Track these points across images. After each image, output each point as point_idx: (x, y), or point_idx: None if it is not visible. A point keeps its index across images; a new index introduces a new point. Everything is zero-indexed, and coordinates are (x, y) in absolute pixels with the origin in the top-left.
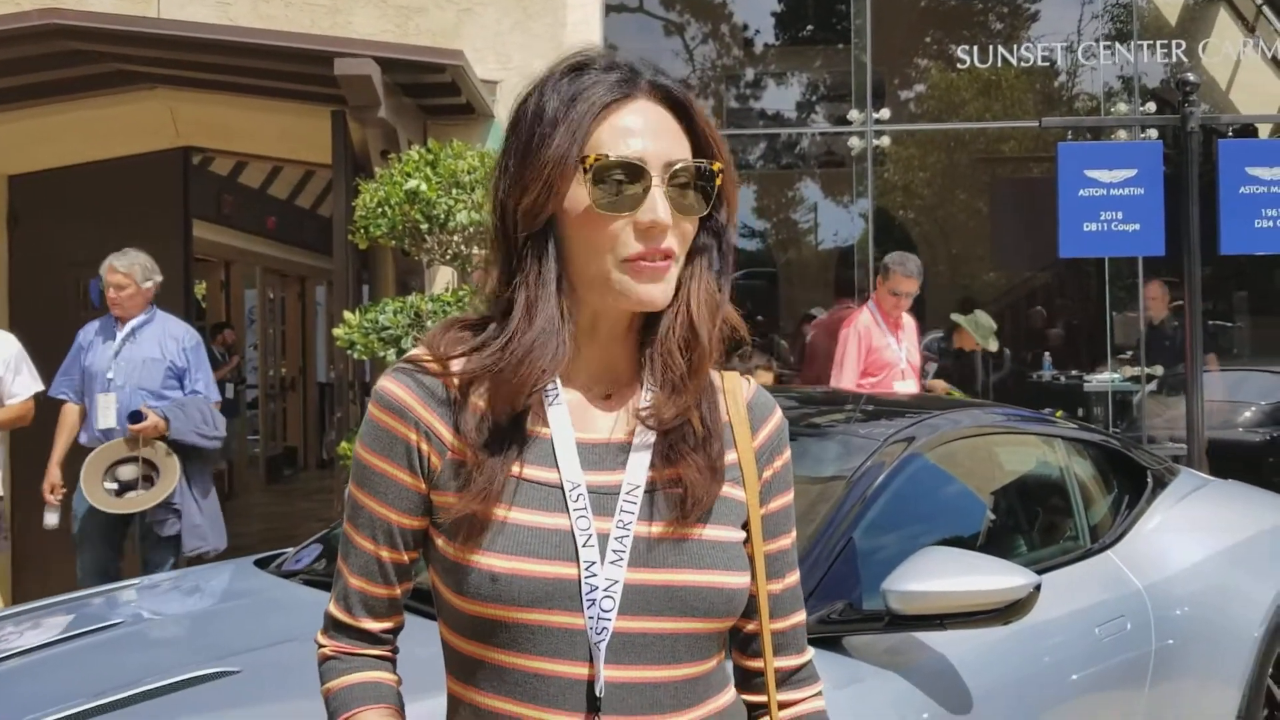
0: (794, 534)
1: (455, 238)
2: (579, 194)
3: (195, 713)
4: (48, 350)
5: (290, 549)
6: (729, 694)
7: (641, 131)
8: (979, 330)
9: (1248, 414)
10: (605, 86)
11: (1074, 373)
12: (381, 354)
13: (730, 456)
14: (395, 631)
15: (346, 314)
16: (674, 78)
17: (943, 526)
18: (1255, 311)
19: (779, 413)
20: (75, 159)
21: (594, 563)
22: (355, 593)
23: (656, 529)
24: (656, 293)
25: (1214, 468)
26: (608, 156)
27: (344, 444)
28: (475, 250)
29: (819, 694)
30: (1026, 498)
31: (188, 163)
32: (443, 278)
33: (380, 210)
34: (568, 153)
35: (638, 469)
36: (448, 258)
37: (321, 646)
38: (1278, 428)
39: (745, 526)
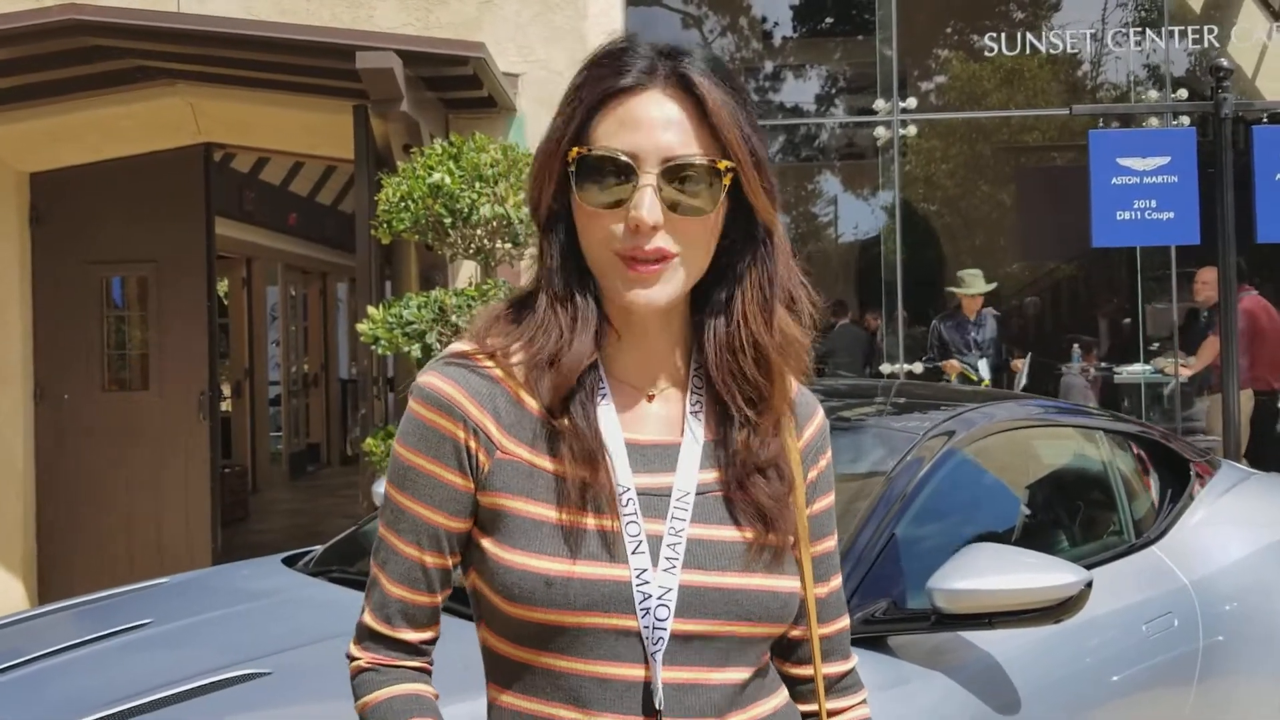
0: (835, 536)
1: (479, 231)
2: (574, 187)
3: (227, 715)
4: (70, 349)
5: (318, 546)
6: (780, 696)
7: (643, 125)
8: (970, 285)
9: None
10: (618, 74)
11: (1104, 365)
12: (406, 349)
13: None
14: (433, 643)
15: (370, 309)
16: (716, 65)
17: (985, 523)
18: None
19: (821, 412)
20: (97, 156)
21: (645, 569)
22: (395, 602)
23: (711, 533)
24: (644, 296)
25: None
26: (590, 151)
27: (369, 440)
28: (499, 244)
29: (864, 701)
30: (1069, 492)
31: (209, 159)
32: (466, 272)
33: (403, 204)
34: (558, 146)
35: (688, 473)
36: (471, 252)
37: (355, 659)
38: None
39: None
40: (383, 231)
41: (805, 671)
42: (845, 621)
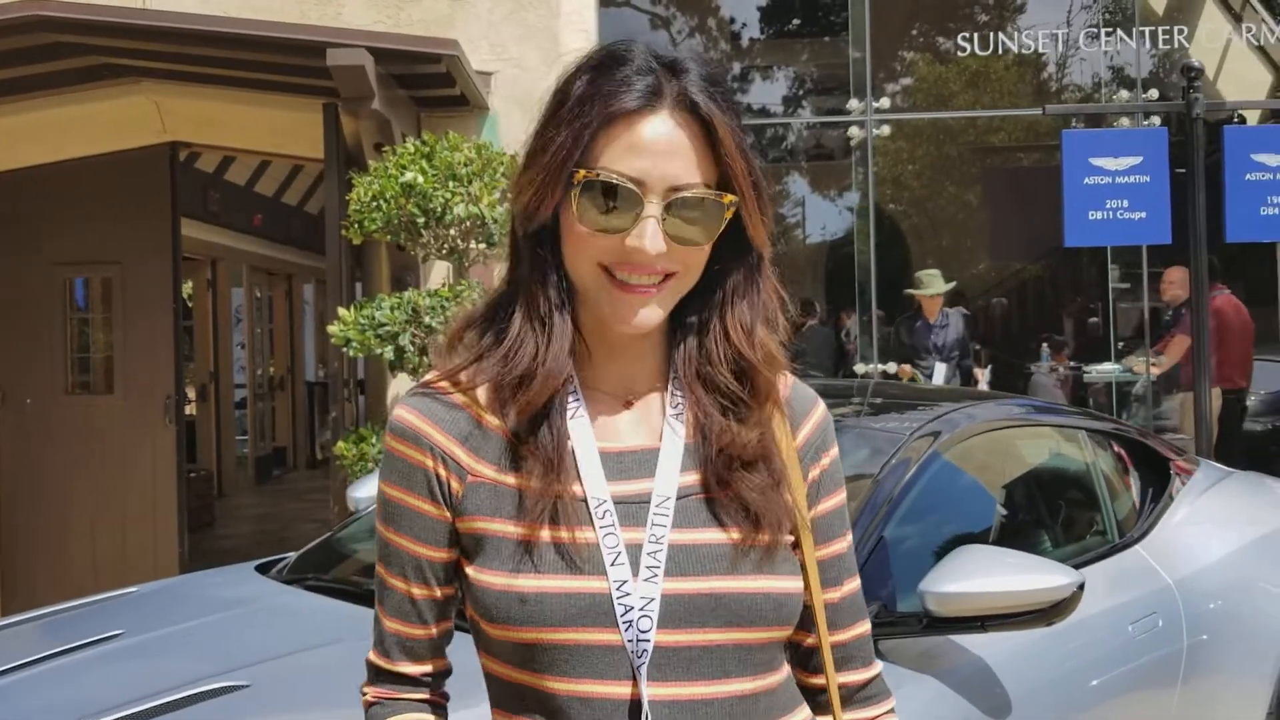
0: (849, 537)
1: (452, 231)
2: (570, 205)
3: None
4: (33, 351)
5: (291, 553)
6: (800, 714)
7: (649, 152)
8: (928, 285)
9: (1247, 402)
10: (625, 93)
11: (1073, 364)
12: (378, 351)
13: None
14: (438, 676)
15: (341, 310)
16: (717, 84)
17: (973, 524)
18: (1251, 301)
19: (822, 407)
20: (60, 155)
21: (625, 580)
22: (391, 635)
23: (694, 537)
24: (634, 319)
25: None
26: (598, 176)
27: (340, 444)
28: (473, 244)
29: (891, 711)
30: (1054, 492)
31: (175, 159)
32: (439, 273)
33: (375, 204)
34: (563, 163)
35: (668, 478)
36: (444, 252)
37: (364, 695)
38: (1278, 417)
39: (793, 531)
40: (354, 232)
41: (822, 681)
42: (864, 627)
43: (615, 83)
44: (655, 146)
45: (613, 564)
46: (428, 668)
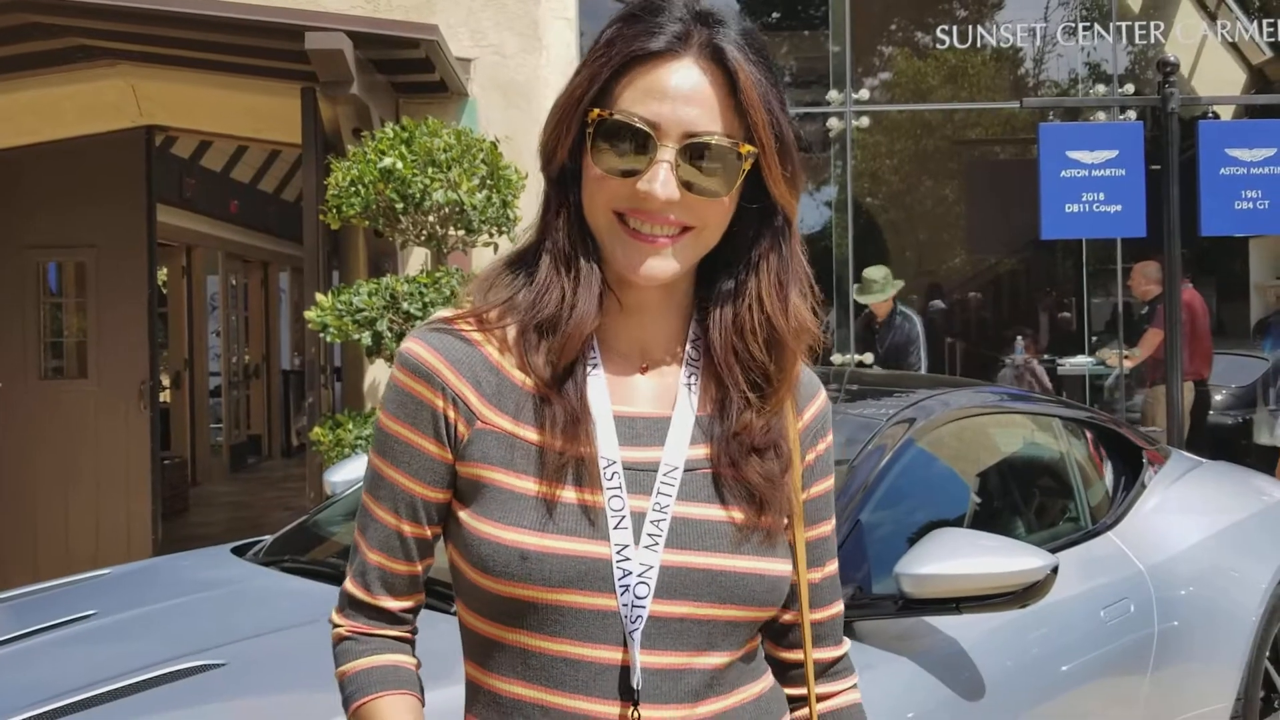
0: (834, 521)
1: (430, 218)
2: (587, 147)
3: (181, 708)
4: (5, 336)
5: (267, 536)
6: (764, 682)
7: (668, 95)
8: (868, 290)
9: (1218, 397)
10: (649, 36)
11: (1047, 356)
12: (356, 337)
13: None
14: (415, 611)
15: (319, 296)
16: (751, 37)
17: (947, 509)
18: (1222, 295)
19: (824, 394)
20: (33, 138)
21: (626, 545)
22: (374, 569)
23: (697, 511)
24: (647, 269)
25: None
26: (611, 115)
27: (316, 429)
28: (451, 231)
29: (855, 686)
30: (1028, 479)
31: (150, 143)
32: (417, 259)
33: (353, 189)
34: (578, 102)
35: (677, 448)
36: (423, 238)
37: (336, 626)
38: (1248, 410)
39: (788, 513)
40: (332, 217)
41: (796, 656)
42: (839, 607)
43: (642, 27)
44: (675, 91)
45: (615, 528)
46: (407, 603)
